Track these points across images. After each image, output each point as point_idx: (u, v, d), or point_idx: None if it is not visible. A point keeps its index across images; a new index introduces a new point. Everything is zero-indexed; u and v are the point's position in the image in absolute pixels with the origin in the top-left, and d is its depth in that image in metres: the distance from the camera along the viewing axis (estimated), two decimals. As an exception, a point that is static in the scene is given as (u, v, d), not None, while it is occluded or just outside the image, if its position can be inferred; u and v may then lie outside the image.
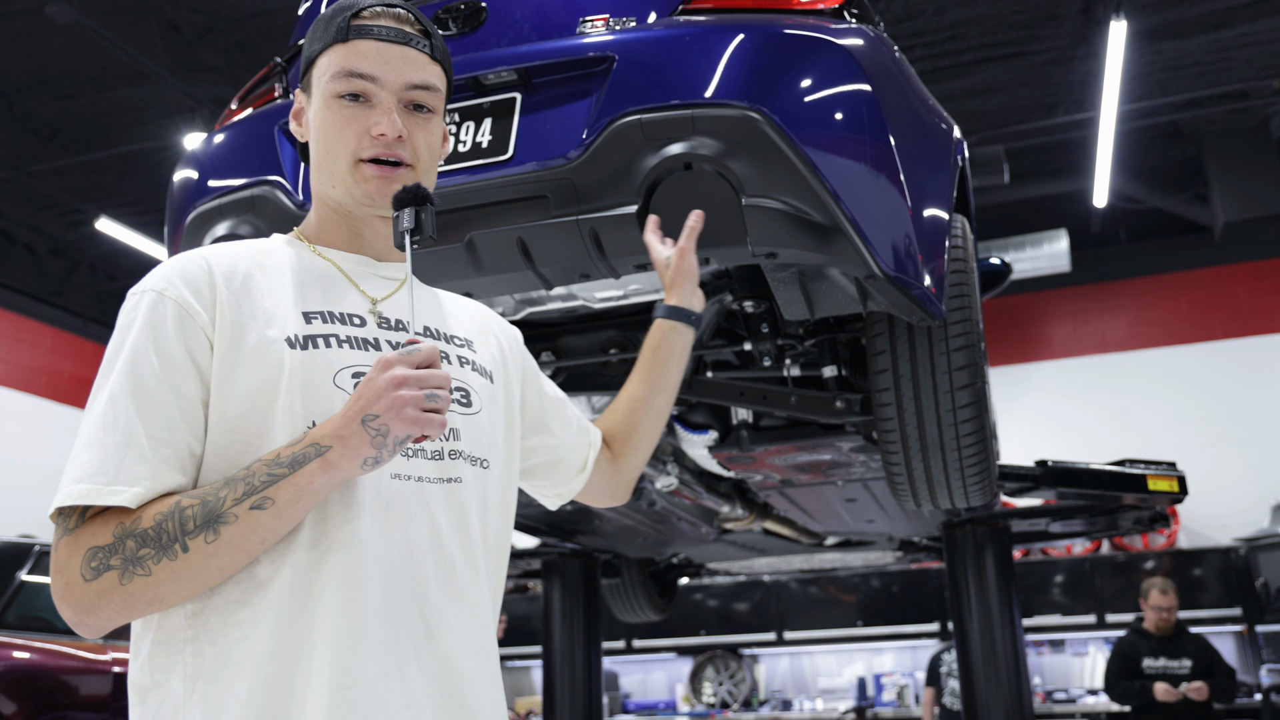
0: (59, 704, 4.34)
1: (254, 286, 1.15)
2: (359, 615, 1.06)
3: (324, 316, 1.16)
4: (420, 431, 1.03)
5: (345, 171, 1.21)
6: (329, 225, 1.27)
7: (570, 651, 5.16)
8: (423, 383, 1.03)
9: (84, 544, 1.02)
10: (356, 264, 1.26)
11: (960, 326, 2.24)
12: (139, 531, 1.01)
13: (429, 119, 1.25)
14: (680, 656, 9.49)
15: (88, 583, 1.01)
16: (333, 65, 1.21)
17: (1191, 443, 8.95)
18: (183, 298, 1.11)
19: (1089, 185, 8.66)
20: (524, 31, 2.14)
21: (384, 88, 1.21)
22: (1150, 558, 8.63)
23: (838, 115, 1.89)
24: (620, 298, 2.41)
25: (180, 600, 1.04)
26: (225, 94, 7.28)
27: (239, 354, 1.10)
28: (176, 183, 2.38)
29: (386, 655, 1.07)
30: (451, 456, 1.19)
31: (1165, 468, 4.50)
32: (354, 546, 1.08)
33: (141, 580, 1.00)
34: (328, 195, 1.25)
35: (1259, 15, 7.06)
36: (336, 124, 1.21)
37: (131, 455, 1.04)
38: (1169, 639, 5.79)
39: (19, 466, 9.51)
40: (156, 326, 1.09)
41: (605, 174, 1.90)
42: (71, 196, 8.86)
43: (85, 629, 1.03)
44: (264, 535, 1.02)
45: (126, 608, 1.01)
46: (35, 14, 6.53)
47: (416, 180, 1.22)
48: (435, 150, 1.27)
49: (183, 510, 1.01)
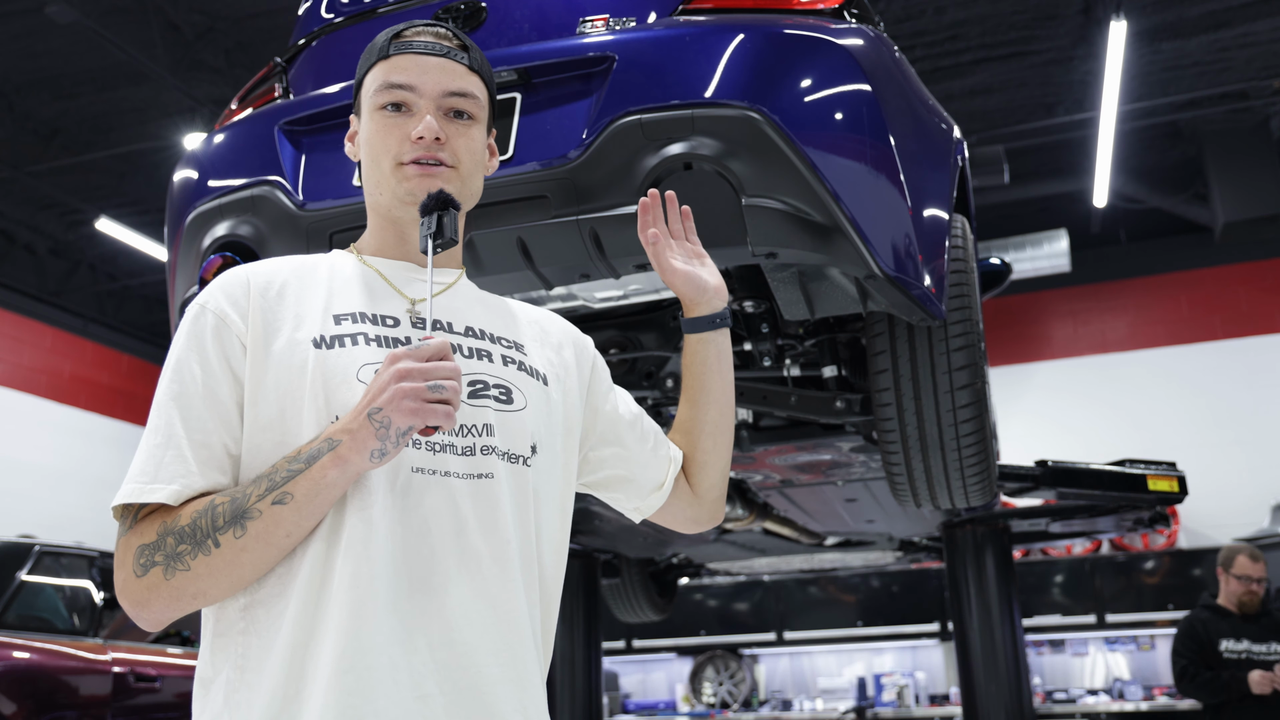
0: (59, 704, 4.34)
1: (288, 294, 1.21)
2: (365, 605, 1.07)
3: (354, 317, 1.20)
4: (423, 422, 1.04)
5: (388, 174, 1.26)
6: (378, 234, 1.32)
7: (570, 651, 5.17)
8: (427, 374, 1.05)
9: (135, 542, 1.09)
10: (400, 270, 1.29)
11: (960, 326, 2.24)
12: (178, 529, 1.07)
13: (469, 125, 1.29)
14: (680, 656, 9.49)
15: (138, 579, 1.07)
16: (375, 81, 1.28)
17: (1191, 443, 8.95)
18: (220, 309, 1.17)
19: (1089, 185, 8.66)
20: (524, 31, 2.14)
21: (422, 95, 1.26)
22: (1150, 558, 8.63)
23: (838, 115, 1.89)
24: (620, 298, 2.41)
25: (224, 594, 1.09)
26: (225, 94, 7.28)
27: (269, 357, 1.15)
28: (176, 183, 2.38)
29: (392, 646, 1.08)
30: (484, 452, 1.19)
31: (1165, 468, 4.50)
32: (365, 538, 1.09)
33: (183, 575, 1.06)
34: (377, 203, 1.30)
35: (1259, 15, 7.07)
36: (379, 132, 1.27)
37: (170, 455, 1.10)
38: (1252, 617, 4.59)
39: (19, 466, 9.52)
40: (199, 337, 1.16)
41: (605, 174, 1.90)
42: (71, 196, 8.86)
43: (143, 622, 1.10)
44: (288, 530, 1.07)
45: (175, 601, 1.07)
46: (35, 14, 6.53)
47: (460, 181, 1.26)
48: (477, 156, 1.30)
49: (215, 507, 1.07)
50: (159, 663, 4.86)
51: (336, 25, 2.42)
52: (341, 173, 2.09)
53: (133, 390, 10.85)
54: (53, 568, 4.78)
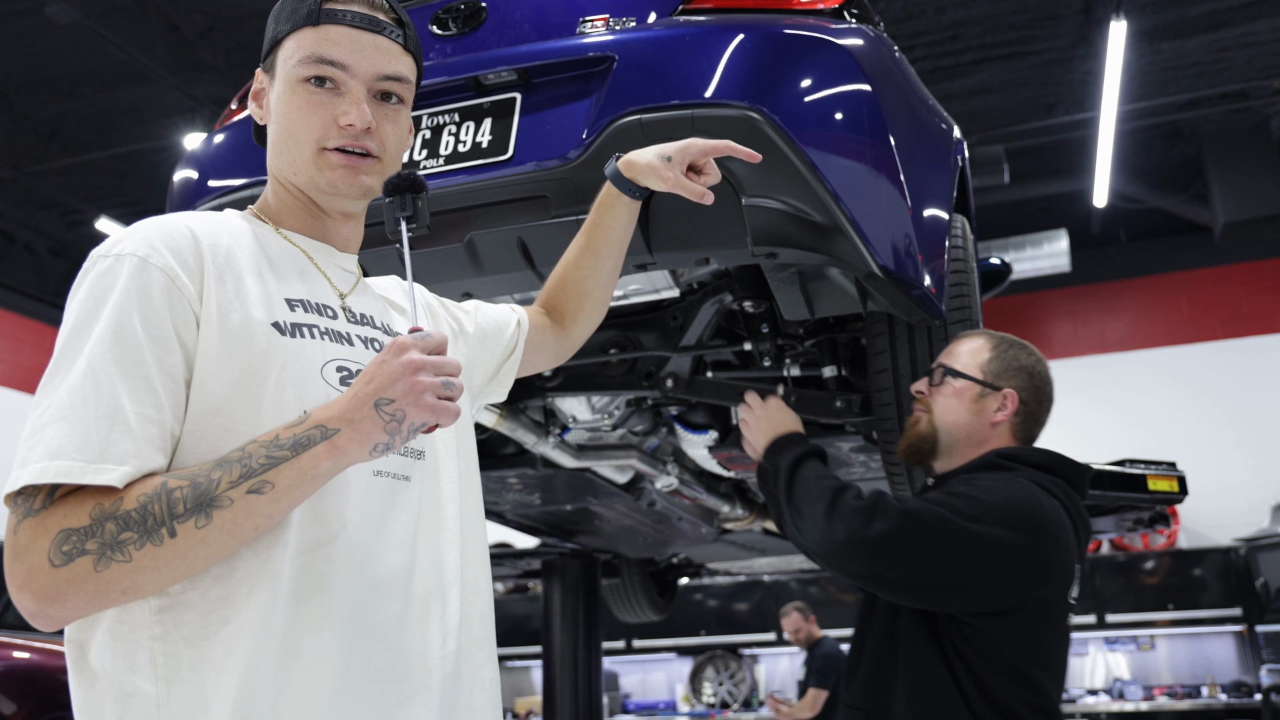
0: (59, 704, 4.34)
1: (235, 263, 1.09)
2: (357, 616, 1.05)
3: (304, 305, 1.13)
4: (436, 419, 0.99)
5: (309, 158, 1.16)
6: (290, 209, 1.22)
7: (570, 652, 5.16)
8: (439, 369, 0.99)
9: (53, 526, 0.92)
10: (321, 252, 1.22)
11: (960, 326, 2.24)
12: (121, 514, 0.92)
13: (398, 110, 1.21)
14: (680, 656, 9.49)
15: (56, 568, 0.91)
16: (301, 49, 1.16)
17: (1191, 443, 8.94)
18: (169, 267, 1.03)
19: (1089, 185, 8.66)
20: (524, 31, 2.13)
21: (354, 76, 1.16)
22: (1150, 558, 8.63)
23: (838, 115, 1.89)
24: (620, 298, 2.41)
25: (156, 590, 0.96)
26: (225, 94, 7.28)
27: (224, 333, 1.04)
28: (176, 183, 2.38)
29: (383, 663, 1.06)
30: (404, 454, 1.17)
31: (1165, 468, 4.50)
32: (350, 544, 1.06)
33: (120, 567, 0.91)
34: (288, 180, 1.20)
35: (1259, 15, 7.06)
36: (302, 109, 1.15)
37: (118, 431, 0.95)
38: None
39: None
40: (141, 295, 1.01)
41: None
42: (71, 196, 8.86)
43: (45, 621, 0.94)
44: (259, 522, 0.96)
45: (98, 597, 0.92)
46: (35, 14, 6.53)
47: (383, 171, 1.19)
48: (403, 142, 1.23)
49: (170, 492, 0.94)
50: (159, 663, 4.86)
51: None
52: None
53: (133, 390, 10.82)
54: (53, 568, 4.78)
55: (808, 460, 1.90)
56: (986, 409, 1.94)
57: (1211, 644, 8.65)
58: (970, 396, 1.95)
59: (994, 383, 1.94)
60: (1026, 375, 1.96)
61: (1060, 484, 1.86)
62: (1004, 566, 1.69)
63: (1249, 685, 8.03)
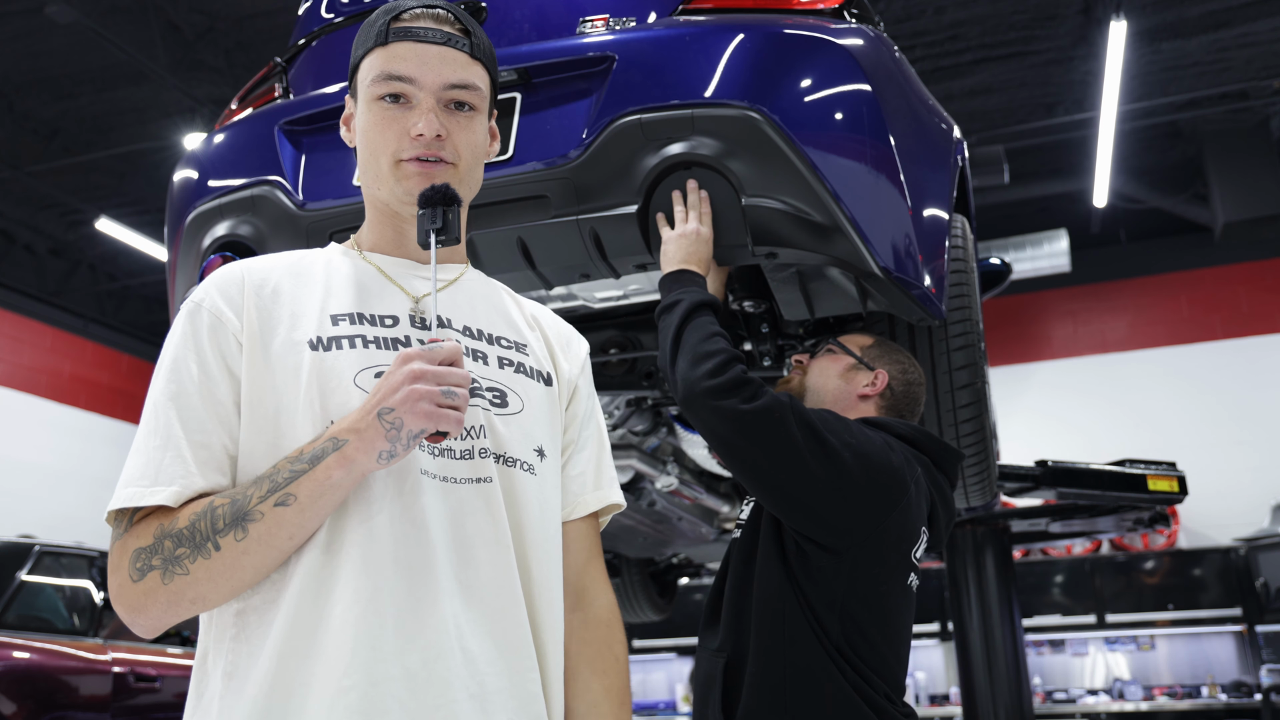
0: (59, 704, 4.34)
1: (284, 291, 1.18)
2: (370, 618, 1.05)
3: (352, 318, 1.17)
4: (435, 427, 1.03)
5: (387, 171, 1.22)
6: (376, 228, 1.28)
7: (570, 651, 5.15)
8: (441, 379, 1.03)
9: (131, 546, 1.05)
10: (401, 266, 1.26)
11: (960, 326, 2.24)
12: (175, 531, 1.04)
13: (471, 118, 1.25)
14: (680, 656, 9.50)
15: (134, 583, 1.04)
16: (373, 69, 1.23)
17: (1191, 442, 8.95)
18: (216, 306, 1.15)
19: (1089, 185, 8.66)
20: (524, 31, 2.14)
21: (422, 88, 1.21)
22: (1150, 558, 8.63)
23: (838, 115, 1.89)
24: (620, 298, 2.41)
25: (223, 599, 1.06)
26: (225, 94, 7.28)
27: (266, 357, 1.13)
28: (176, 183, 2.38)
29: (395, 660, 1.05)
30: (481, 455, 1.17)
31: (1165, 468, 4.51)
32: (369, 546, 1.07)
33: (181, 579, 1.03)
34: (375, 196, 1.27)
35: (1259, 15, 7.06)
36: (378, 125, 1.22)
37: (169, 457, 1.07)
38: None
39: (19, 466, 9.52)
40: (195, 336, 1.13)
41: (605, 174, 1.90)
42: (71, 196, 8.86)
43: (139, 628, 1.07)
44: (291, 531, 1.04)
45: (172, 607, 1.04)
46: (35, 14, 6.53)
47: (459, 177, 1.23)
48: (478, 149, 1.27)
49: (214, 509, 1.04)
50: (159, 663, 4.87)
51: (336, 25, 2.42)
52: (342, 172, 2.09)
53: (132, 390, 10.83)
54: (52, 568, 4.78)
55: (707, 309, 1.84)
56: (856, 380, 2.03)
57: (1211, 644, 8.66)
58: (843, 366, 2.05)
59: (869, 363, 2.04)
60: (900, 369, 2.04)
61: (924, 459, 1.91)
62: (840, 497, 1.74)
63: (1249, 685, 8.03)
